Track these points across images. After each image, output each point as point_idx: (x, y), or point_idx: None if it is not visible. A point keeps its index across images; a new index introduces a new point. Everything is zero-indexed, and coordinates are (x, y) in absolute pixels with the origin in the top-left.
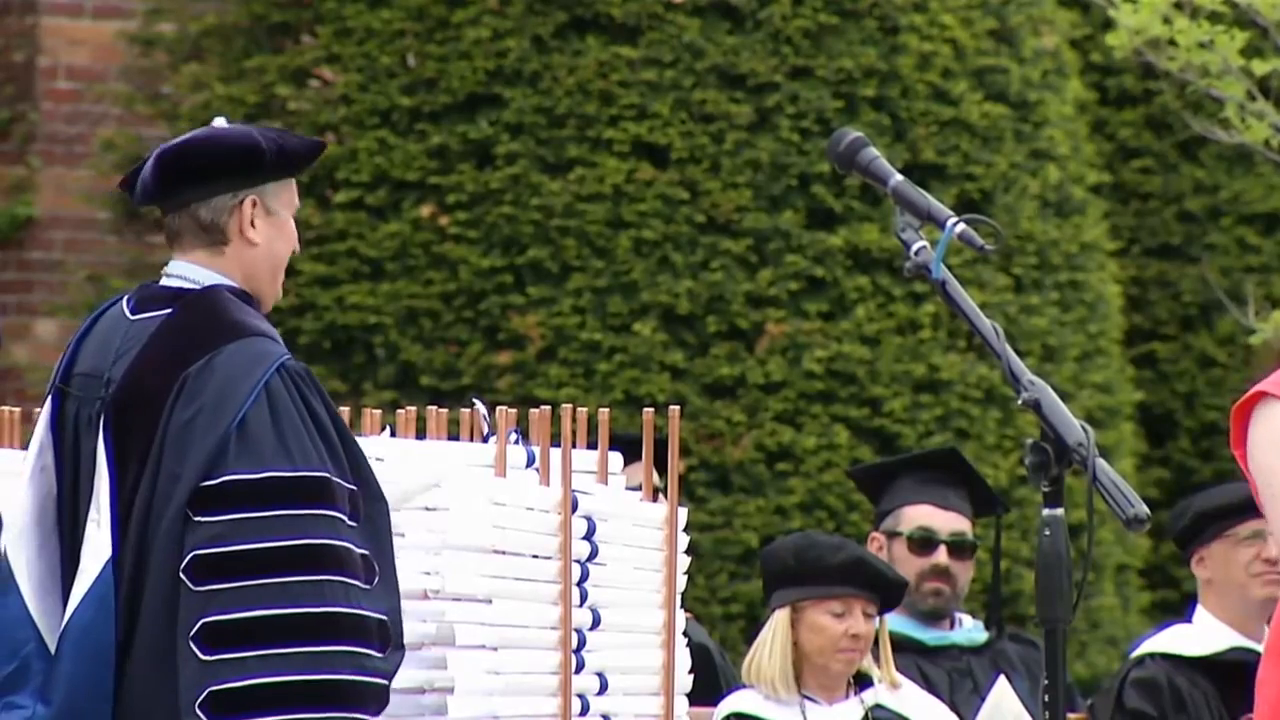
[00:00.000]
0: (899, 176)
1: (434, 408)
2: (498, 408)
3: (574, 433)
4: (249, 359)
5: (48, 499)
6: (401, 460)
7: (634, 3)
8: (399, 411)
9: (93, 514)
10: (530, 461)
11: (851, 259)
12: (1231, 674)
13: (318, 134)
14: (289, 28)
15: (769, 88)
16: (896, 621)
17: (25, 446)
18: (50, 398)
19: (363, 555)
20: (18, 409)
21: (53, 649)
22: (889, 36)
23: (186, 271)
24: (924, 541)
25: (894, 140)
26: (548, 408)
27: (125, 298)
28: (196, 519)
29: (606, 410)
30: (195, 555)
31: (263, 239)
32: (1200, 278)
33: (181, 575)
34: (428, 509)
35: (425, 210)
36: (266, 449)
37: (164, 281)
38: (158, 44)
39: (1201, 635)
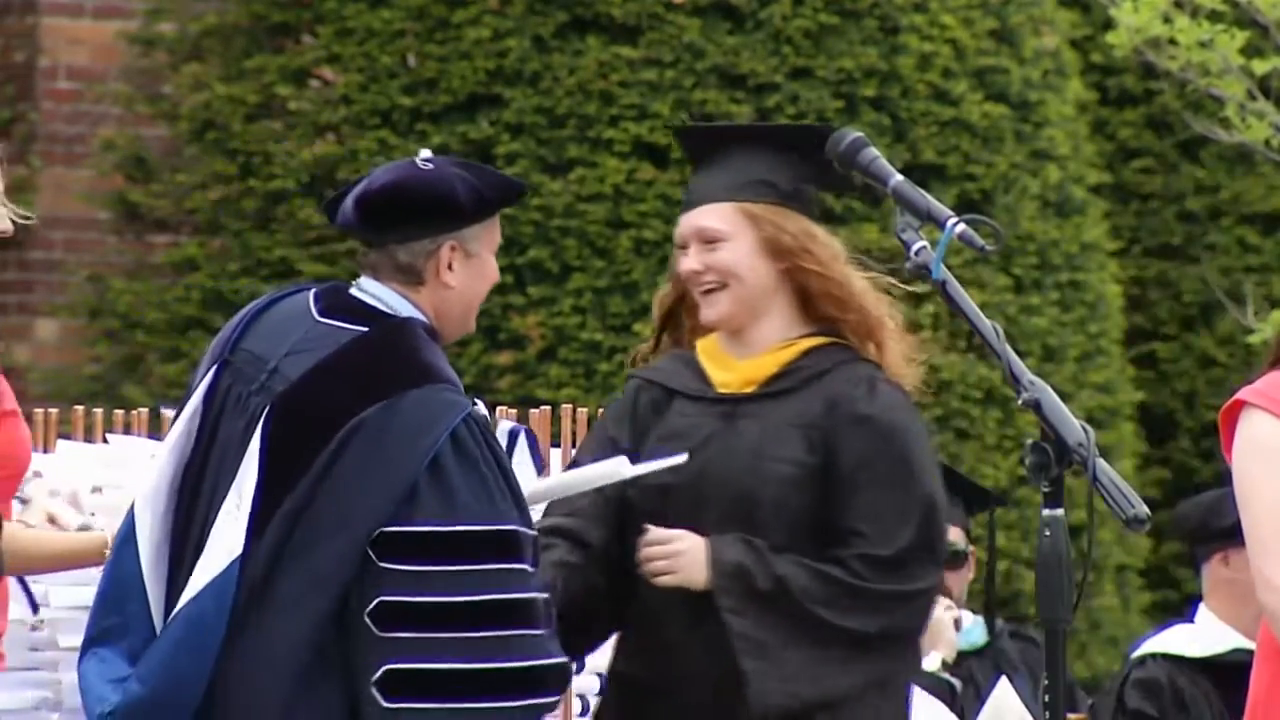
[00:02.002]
0: (899, 176)
1: None
2: (498, 408)
3: (574, 433)
4: (439, 405)
5: (182, 465)
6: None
7: (634, 3)
8: None
9: (231, 501)
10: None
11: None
12: (1233, 675)
13: (318, 134)
14: (289, 28)
15: (769, 88)
16: None
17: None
18: (214, 367)
19: (545, 600)
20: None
21: (155, 615)
22: (889, 37)
23: (384, 295)
24: None
25: (894, 140)
26: (548, 408)
27: (311, 292)
28: (382, 564)
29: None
30: (382, 601)
31: (459, 282)
32: (1200, 278)
33: (366, 619)
34: None
35: None
36: (458, 499)
37: (358, 294)
38: (158, 44)
39: (1203, 636)
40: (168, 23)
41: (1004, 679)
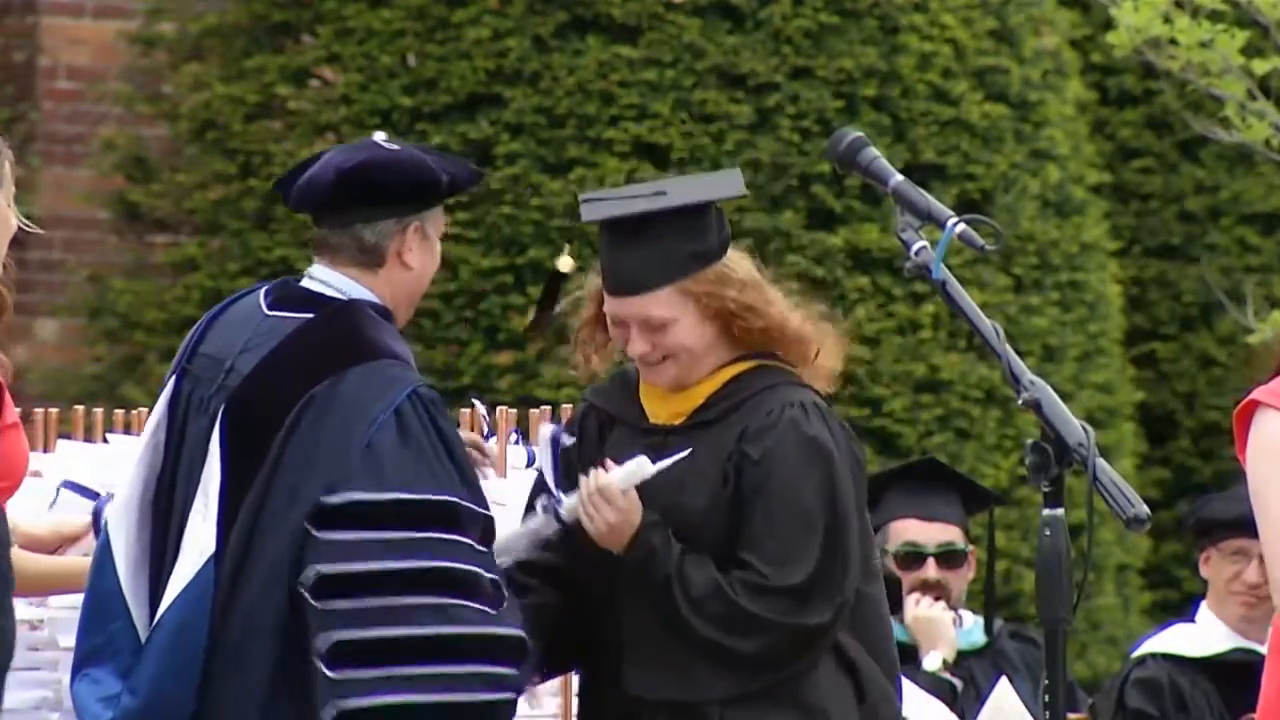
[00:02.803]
0: (899, 176)
1: None
2: (498, 408)
3: None
4: (383, 381)
5: (153, 476)
6: None
7: (634, 3)
8: None
9: (199, 503)
10: (530, 462)
11: (852, 259)
12: (1233, 674)
13: (318, 134)
14: (289, 28)
15: (769, 88)
16: (895, 631)
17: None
18: (174, 376)
19: (492, 580)
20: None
21: (140, 629)
22: (889, 36)
23: (333, 280)
24: (910, 557)
25: (894, 140)
26: (548, 408)
27: (263, 289)
28: (318, 535)
29: None
30: (319, 572)
31: (418, 263)
32: (1200, 278)
33: (304, 591)
34: None
35: None
36: (392, 472)
37: (306, 284)
38: (158, 44)
39: (1203, 635)
40: (168, 23)
41: (1004, 679)
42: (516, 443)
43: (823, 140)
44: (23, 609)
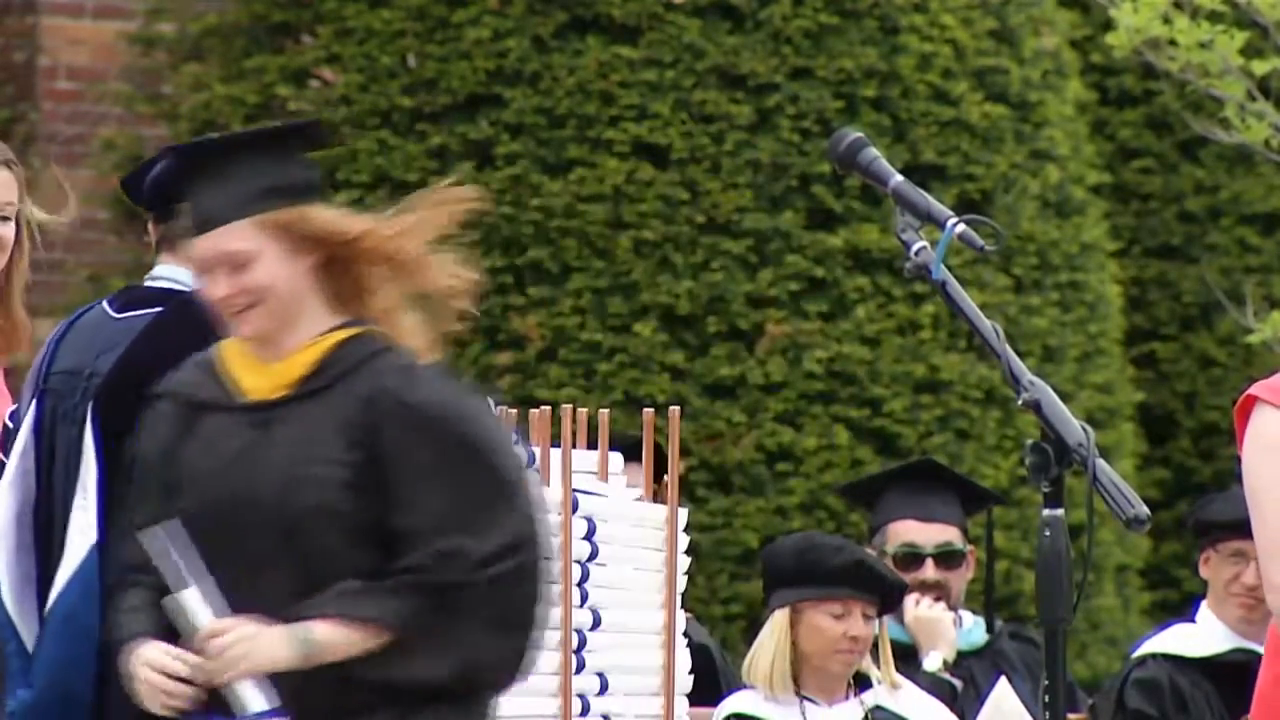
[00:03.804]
0: (899, 177)
1: None
2: (498, 408)
3: (574, 433)
4: None
5: (27, 501)
6: None
7: (634, 3)
8: None
9: (79, 499)
10: (530, 462)
11: (852, 259)
12: (1233, 675)
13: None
14: (289, 28)
15: (769, 88)
16: (895, 632)
17: None
18: (34, 401)
19: None
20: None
21: (30, 648)
22: (889, 37)
23: (178, 274)
24: (909, 558)
25: (894, 141)
26: (548, 408)
27: (106, 300)
28: None
29: (606, 411)
30: None
31: None
32: (1200, 278)
33: None
34: None
35: None
36: None
37: (150, 284)
38: (158, 44)
39: (1203, 636)
40: (168, 23)
41: (1004, 679)
42: (516, 443)
43: (823, 140)
44: None
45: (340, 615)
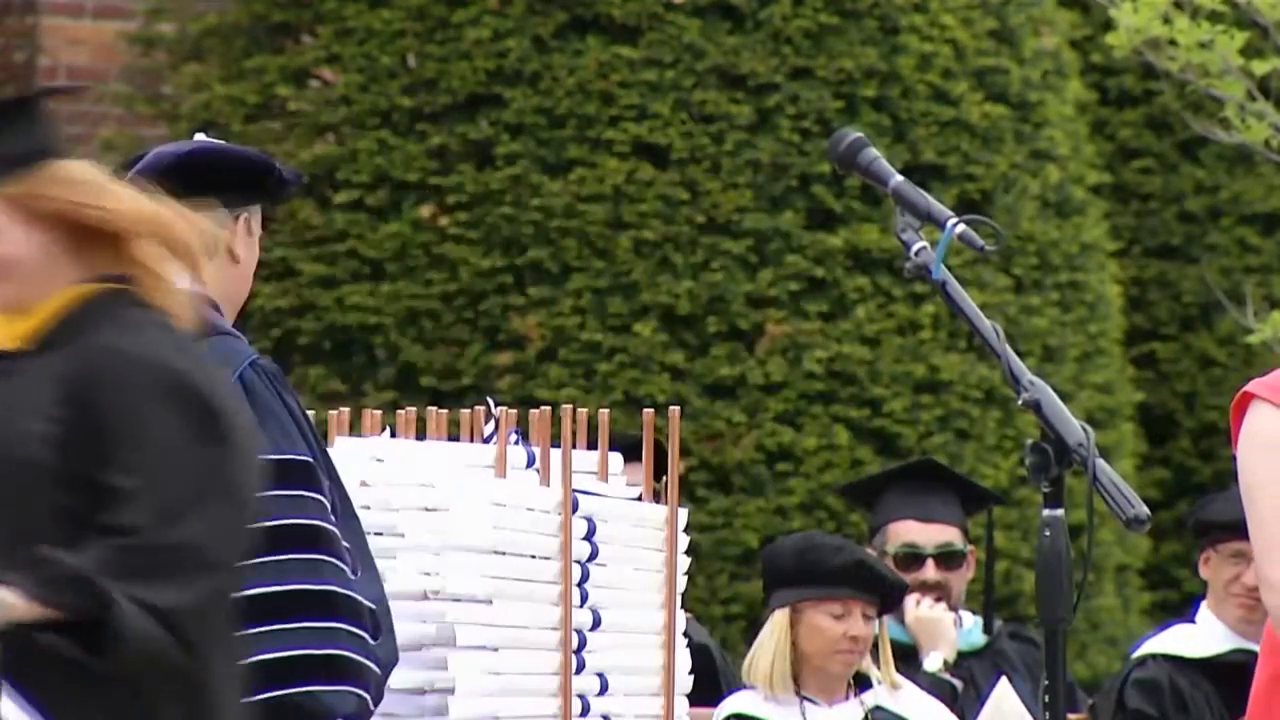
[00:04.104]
0: (899, 177)
1: (434, 408)
2: (498, 408)
3: (574, 433)
4: (220, 356)
5: None
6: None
7: (634, 3)
8: (399, 412)
9: None
10: (530, 462)
11: (852, 259)
12: (1233, 675)
13: (318, 134)
14: (289, 28)
15: (769, 88)
16: (895, 632)
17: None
18: None
19: (346, 548)
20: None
21: None
22: (889, 37)
23: None
24: (909, 559)
25: (894, 141)
26: (548, 408)
27: None
28: None
29: (606, 411)
30: None
31: (245, 257)
32: (1200, 278)
33: None
34: (427, 509)
35: (425, 211)
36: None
37: None
38: (158, 44)
39: (1203, 636)
40: (168, 23)
41: (1004, 679)
42: (516, 443)
43: (823, 140)
44: None
45: (33, 593)
